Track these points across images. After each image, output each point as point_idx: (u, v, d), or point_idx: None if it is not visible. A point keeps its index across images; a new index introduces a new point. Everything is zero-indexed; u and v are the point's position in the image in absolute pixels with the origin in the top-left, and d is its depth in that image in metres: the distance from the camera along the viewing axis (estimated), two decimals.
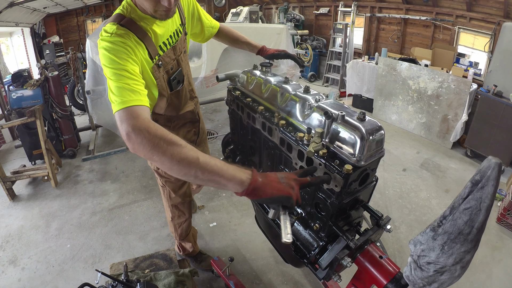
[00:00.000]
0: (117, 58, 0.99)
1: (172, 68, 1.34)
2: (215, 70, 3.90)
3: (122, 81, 0.95)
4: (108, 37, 1.03)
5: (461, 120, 3.82)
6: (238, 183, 0.79)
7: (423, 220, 2.67)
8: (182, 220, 1.92)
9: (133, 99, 0.91)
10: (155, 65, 1.22)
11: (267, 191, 0.80)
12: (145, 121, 0.85)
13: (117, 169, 3.51)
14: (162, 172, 1.67)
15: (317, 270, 1.08)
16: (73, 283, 2.08)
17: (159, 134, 0.81)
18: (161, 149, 0.79)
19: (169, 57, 1.30)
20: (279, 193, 0.81)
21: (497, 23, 3.96)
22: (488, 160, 0.69)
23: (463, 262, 0.75)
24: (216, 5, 9.81)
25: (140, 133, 0.81)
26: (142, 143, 0.81)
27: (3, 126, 3.11)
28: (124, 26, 1.08)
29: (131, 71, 0.99)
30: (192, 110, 1.61)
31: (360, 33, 6.33)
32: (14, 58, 6.19)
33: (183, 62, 1.41)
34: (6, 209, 2.89)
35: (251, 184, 0.80)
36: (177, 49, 1.34)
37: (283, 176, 0.85)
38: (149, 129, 0.82)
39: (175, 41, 1.32)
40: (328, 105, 1.04)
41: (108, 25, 1.08)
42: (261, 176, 0.82)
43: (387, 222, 1.09)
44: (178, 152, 0.79)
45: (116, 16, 1.12)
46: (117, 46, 1.01)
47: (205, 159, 0.79)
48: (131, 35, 1.08)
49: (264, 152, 1.37)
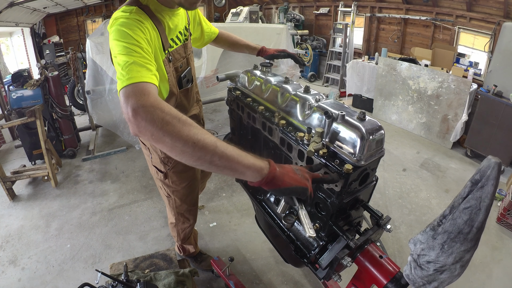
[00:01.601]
0: (132, 33, 0.90)
1: (182, 66, 1.31)
2: (215, 70, 3.90)
3: (133, 56, 0.86)
4: (125, 14, 0.95)
5: (461, 120, 3.82)
6: (258, 171, 0.76)
7: (423, 220, 2.67)
8: (186, 226, 1.88)
9: (143, 75, 0.81)
10: (166, 59, 1.18)
11: (285, 180, 0.78)
12: (157, 99, 0.75)
13: (117, 169, 3.51)
14: (169, 182, 1.57)
15: (317, 270, 1.08)
16: (73, 283, 2.08)
17: (173, 113, 0.72)
18: (175, 128, 0.70)
19: (179, 53, 1.28)
20: (297, 184, 0.79)
21: (497, 23, 3.96)
22: (488, 159, 0.70)
23: (462, 261, 0.75)
24: (216, 5, 9.82)
25: (150, 110, 0.71)
26: (152, 120, 0.70)
27: (3, 126, 3.11)
28: (142, 10, 1.02)
29: (145, 49, 0.91)
30: (197, 114, 1.58)
31: (360, 33, 6.34)
32: (14, 58, 6.19)
33: (192, 62, 1.40)
34: (6, 209, 2.89)
35: (270, 172, 0.77)
36: (187, 47, 1.33)
37: (297, 168, 0.83)
38: (161, 106, 0.72)
39: (184, 39, 1.31)
40: (328, 105, 1.05)
41: (124, 6, 1.02)
42: (278, 166, 0.80)
43: (387, 222, 1.09)
44: (195, 133, 0.71)
45: (133, 0, 1.06)
46: (134, 22, 0.93)
47: (223, 144, 0.73)
48: (148, 19, 1.03)
49: (265, 152, 1.37)
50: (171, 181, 1.57)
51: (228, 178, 3.21)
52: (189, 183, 1.62)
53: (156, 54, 1.06)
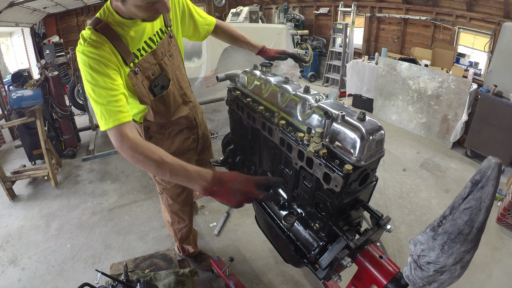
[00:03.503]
0: (96, 74, 1.05)
1: (154, 74, 1.29)
2: (215, 70, 3.91)
3: (103, 99, 1.04)
4: (83, 46, 1.07)
5: (461, 120, 3.82)
6: (199, 189, 0.98)
7: (423, 220, 2.67)
8: (182, 226, 1.90)
9: (117, 118, 1.04)
10: (131, 72, 1.20)
11: (219, 199, 0.99)
12: (130, 139, 1.02)
13: (117, 169, 3.51)
14: (159, 179, 1.65)
15: (317, 270, 1.08)
16: (73, 283, 2.08)
17: (140, 150, 1.00)
18: (142, 163, 1.01)
19: (148, 62, 1.26)
20: (228, 203, 0.99)
21: (497, 23, 3.96)
22: (488, 160, 0.69)
23: (463, 262, 0.75)
24: (216, 5, 9.82)
25: (126, 150, 1.01)
26: (128, 157, 1.02)
27: (3, 126, 3.11)
28: (99, 32, 1.10)
29: (110, 85, 1.06)
30: (186, 115, 1.52)
31: (360, 33, 6.33)
32: (14, 58, 6.19)
33: (168, 66, 1.35)
34: (6, 209, 2.89)
35: (206, 192, 0.97)
36: (158, 53, 1.30)
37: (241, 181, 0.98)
38: (132, 148, 1.01)
39: (155, 45, 1.28)
40: (328, 105, 1.04)
41: (85, 30, 1.12)
42: (217, 184, 0.97)
43: (387, 222, 1.09)
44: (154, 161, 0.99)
45: (93, 20, 1.14)
46: (93, 60, 1.05)
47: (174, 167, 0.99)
48: (105, 43, 1.10)
49: (264, 152, 1.37)
50: (160, 178, 1.63)
51: None
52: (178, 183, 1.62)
53: (120, 72, 1.15)
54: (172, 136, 1.53)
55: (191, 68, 3.92)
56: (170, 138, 1.53)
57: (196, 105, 1.65)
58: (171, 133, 1.52)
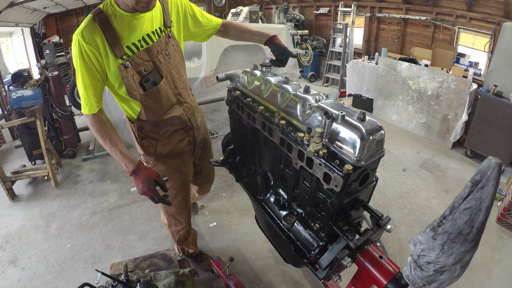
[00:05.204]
0: (81, 60, 1.19)
1: (146, 70, 1.32)
2: (215, 70, 3.91)
3: (85, 80, 1.23)
4: (79, 34, 1.18)
5: (461, 120, 3.82)
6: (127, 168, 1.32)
7: (423, 220, 2.67)
8: (179, 228, 1.89)
9: (92, 108, 1.28)
10: (122, 65, 1.24)
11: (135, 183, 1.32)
12: (98, 122, 1.31)
13: (117, 169, 3.51)
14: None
15: (317, 270, 1.08)
16: (73, 283, 2.08)
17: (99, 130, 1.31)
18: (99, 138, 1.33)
19: (141, 58, 1.29)
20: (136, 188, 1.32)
21: (497, 23, 3.96)
22: (488, 160, 0.69)
23: (462, 262, 0.75)
24: (216, 5, 9.81)
25: (92, 128, 1.33)
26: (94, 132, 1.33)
27: (3, 126, 3.11)
28: (96, 22, 1.18)
29: (90, 71, 1.22)
30: (179, 115, 1.51)
31: (360, 33, 6.33)
32: (14, 58, 6.19)
33: (162, 64, 1.37)
34: (6, 209, 2.89)
35: (129, 174, 1.31)
36: (153, 51, 1.32)
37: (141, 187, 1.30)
38: (96, 127, 1.31)
39: (151, 43, 1.31)
40: (328, 105, 1.04)
41: (88, 16, 1.21)
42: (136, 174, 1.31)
43: (387, 222, 1.09)
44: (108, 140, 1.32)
45: (96, 9, 1.22)
46: (82, 49, 1.17)
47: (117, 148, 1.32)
48: (99, 34, 1.18)
49: (264, 152, 1.37)
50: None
51: (228, 178, 3.22)
52: (173, 185, 1.63)
53: (107, 62, 1.25)
54: (166, 137, 1.53)
55: (191, 68, 3.92)
56: (164, 139, 1.52)
57: (195, 107, 1.63)
58: (165, 133, 1.51)
